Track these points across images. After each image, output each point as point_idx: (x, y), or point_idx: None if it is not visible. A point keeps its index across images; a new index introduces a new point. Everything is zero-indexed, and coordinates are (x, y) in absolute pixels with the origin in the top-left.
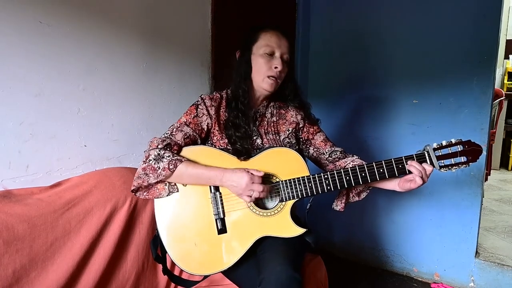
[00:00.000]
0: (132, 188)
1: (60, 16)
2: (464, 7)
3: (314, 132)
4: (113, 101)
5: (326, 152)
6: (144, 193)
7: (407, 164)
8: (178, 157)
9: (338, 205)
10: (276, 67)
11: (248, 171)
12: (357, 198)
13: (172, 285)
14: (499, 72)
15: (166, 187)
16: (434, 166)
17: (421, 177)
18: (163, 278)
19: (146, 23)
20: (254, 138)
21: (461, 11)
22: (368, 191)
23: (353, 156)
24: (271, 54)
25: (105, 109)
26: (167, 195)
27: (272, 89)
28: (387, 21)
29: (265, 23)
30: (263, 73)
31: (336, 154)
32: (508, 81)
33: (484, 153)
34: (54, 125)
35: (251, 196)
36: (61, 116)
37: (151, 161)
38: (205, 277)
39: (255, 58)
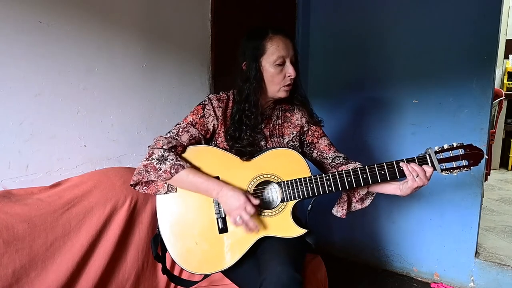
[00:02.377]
0: (132, 182)
1: (60, 16)
2: (464, 7)
3: (319, 136)
4: (113, 101)
5: (330, 157)
6: (144, 188)
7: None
8: (181, 163)
9: (339, 211)
10: (290, 75)
11: (246, 196)
12: (360, 206)
13: (172, 285)
14: (499, 72)
15: (166, 185)
16: (435, 169)
17: (422, 177)
18: (163, 278)
19: (146, 23)
20: (259, 139)
21: (461, 11)
22: (372, 198)
23: (355, 162)
24: (283, 63)
25: (105, 109)
26: (164, 193)
27: (288, 95)
28: (387, 21)
29: (264, 27)
30: (278, 83)
31: (339, 160)
32: (508, 81)
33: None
34: (54, 125)
35: (236, 221)
36: (61, 116)
37: (153, 160)
38: (205, 276)
39: (266, 69)
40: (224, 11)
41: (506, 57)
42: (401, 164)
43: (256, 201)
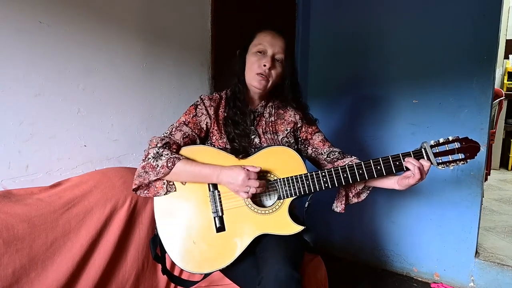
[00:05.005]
0: (134, 186)
1: (60, 16)
2: (464, 7)
3: (313, 132)
4: (113, 101)
5: (325, 152)
6: (145, 191)
7: (404, 161)
8: (176, 155)
9: (339, 207)
10: (265, 65)
11: (244, 168)
12: (356, 200)
13: (172, 285)
14: (499, 72)
15: (164, 186)
16: (431, 163)
17: (419, 171)
18: (163, 278)
19: (146, 23)
20: (252, 137)
21: (461, 11)
22: (368, 192)
23: (351, 156)
24: (263, 53)
25: (105, 109)
26: (164, 194)
27: (261, 87)
28: (387, 20)
29: (264, 24)
30: (253, 70)
31: (335, 154)
32: (508, 81)
33: (484, 152)
34: (54, 125)
35: (248, 192)
36: (61, 116)
37: (150, 159)
38: (205, 276)
39: (249, 56)
40: (224, 11)
41: (506, 57)
42: (404, 163)
43: (256, 169)
